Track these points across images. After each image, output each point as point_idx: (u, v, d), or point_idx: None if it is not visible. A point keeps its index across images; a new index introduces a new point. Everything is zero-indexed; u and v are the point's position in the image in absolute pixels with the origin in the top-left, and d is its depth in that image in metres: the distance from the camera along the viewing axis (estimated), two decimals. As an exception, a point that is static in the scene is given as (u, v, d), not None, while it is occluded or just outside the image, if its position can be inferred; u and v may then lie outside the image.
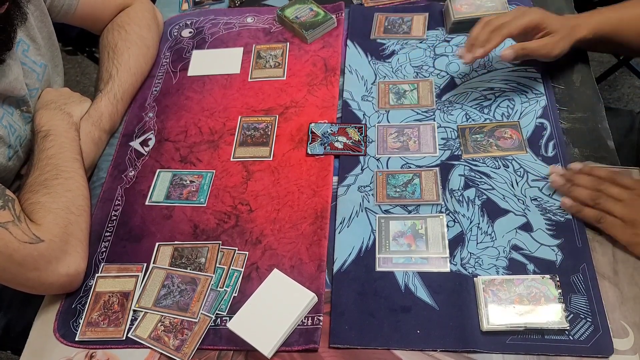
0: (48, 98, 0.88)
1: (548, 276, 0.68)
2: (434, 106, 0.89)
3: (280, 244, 0.77)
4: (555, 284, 0.67)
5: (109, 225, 0.82)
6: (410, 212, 0.78)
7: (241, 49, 1.04)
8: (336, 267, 0.74)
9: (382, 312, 0.69)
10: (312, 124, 0.89)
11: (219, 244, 0.78)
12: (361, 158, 0.85)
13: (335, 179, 0.83)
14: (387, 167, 0.83)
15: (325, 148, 0.86)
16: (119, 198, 0.86)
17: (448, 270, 0.71)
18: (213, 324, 0.71)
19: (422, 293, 0.70)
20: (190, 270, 0.75)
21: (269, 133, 0.90)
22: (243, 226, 0.80)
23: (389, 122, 0.89)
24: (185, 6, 1.16)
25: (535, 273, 0.70)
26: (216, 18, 1.11)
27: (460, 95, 0.90)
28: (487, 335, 0.66)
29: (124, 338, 0.71)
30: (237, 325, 0.68)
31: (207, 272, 0.75)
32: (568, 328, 0.65)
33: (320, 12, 1.05)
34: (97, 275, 0.77)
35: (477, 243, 0.74)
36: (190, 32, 1.09)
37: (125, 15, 1.01)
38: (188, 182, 0.86)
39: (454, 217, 0.76)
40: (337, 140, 0.87)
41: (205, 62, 1.03)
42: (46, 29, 0.90)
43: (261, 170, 0.86)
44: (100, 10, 0.99)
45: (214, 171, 0.87)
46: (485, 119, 0.86)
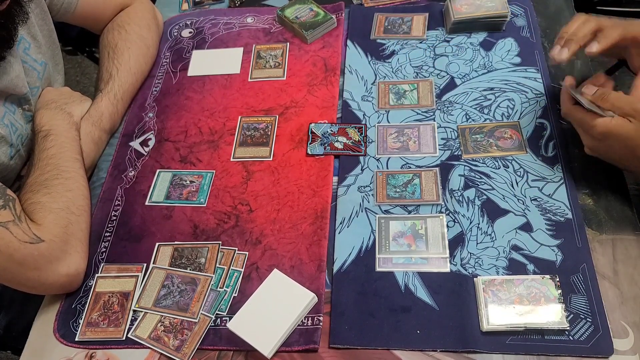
0: (48, 98, 0.88)
1: (548, 276, 0.68)
2: (434, 106, 0.89)
3: (280, 244, 0.77)
4: (555, 284, 0.67)
5: (109, 225, 0.82)
6: (410, 212, 0.78)
7: (241, 49, 1.04)
8: (336, 267, 0.74)
9: (382, 312, 0.69)
10: (312, 124, 0.89)
11: (219, 244, 0.78)
12: (361, 158, 0.85)
13: (335, 179, 0.83)
14: (387, 167, 0.83)
15: (325, 148, 0.86)
16: (119, 198, 0.85)
17: (448, 270, 0.72)
18: (213, 324, 0.71)
19: (422, 293, 0.70)
20: (190, 270, 0.75)
21: (269, 133, 0.90)
22: (243, 226, 0.80)
23: (389, 122, 0.89)
24: (185, 6, 1.16)
25: (535, 273, 0.70)
26: (216, 18, 1.11)
27: (460, 95, 0.90)
28: (487, 335, 0.66)
29: (124, 338, 0.71)
30: (237, 325, 0.68)
31: (207, 272, 0.75)
32: (568, 328, 0.65)
33: (320, 12, 1.05)
34: (97, 275, 0.77)
35: (477, 243, 0.74)
36: (190, 32, 1.09)
37: (125, 15, 1.01)
38: (188, 182, 0.86)
39: (454, 217, 0.76)
40: (337, 141, 0.87)
41: (205, 62, 1.03)
42: (47, 27, 0.90)
43: (261, 171, 0.86)
44: (100, 10, 0.99)
45: (214, 171, 0.87)
46: (485, 119, 0.86)
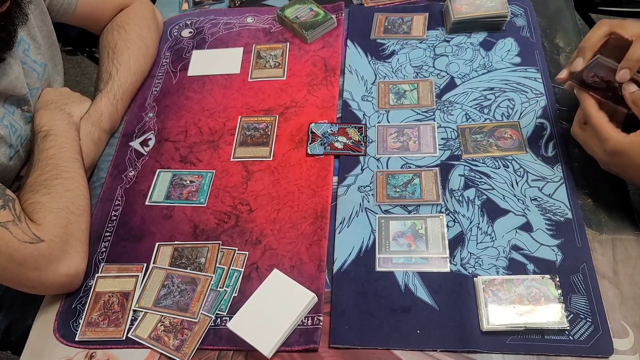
0: (48, 98, 0.88)
1: (548, 276, 0.68)
2: (434, 106, 0.89)
3: (280, 244, 0.77)
4: (555, 284, 0.67)
5: (109, 225, 0.82)
6: (410, 212, 0.78)
7: (241, 49, 1.04)
8: (336, 267, 0.74)
9: (382, 312, 0.69)
10: (312, 124, 0.89)
11: (219, 244, 0.78)
12: (361, 158, 0.85)
13: (335, 179, 0.83)
14: (387, 167, 0.83)
15: (325, 148, 0.86)
16: (119, 198, 0.86)
17: (448, 270, 0.71)
18: (213, 324, 0.71)
19: (422, 293, 0.70)
20: (190, 270, 0.75)
21: (269, 133, 0.90)
22: (243, 226, 0.80)
23: (389, 122, 0.89)
24: (185, 6, 1.16)
25: (535, 273, 0.70)
26: (216, 18, 1.11)
27: (460, 95, 0.90)
28: (487, 335, 0.66)
29: (124, 338, 0.71)
30: (237, 325, 0.68)
31: (207, 272, 0.75)
32: (568, 328, 0.65)
33: (320, 12, 1.05)
34: (97, 275, 0.77)
35: (477, 243, 0.74)
36: (190, 32, 1.09)
37: (125, 15, 1.01)
38: (188, 182, 0.86)
39: (454, 217, 0.76)
40: (337, 140, 0.87)
41: (205, 62, 1.03)
42: (46, 28, 0.90)
43: (261, 170, 0.86)
44: (99, 10, 0.99)
45: (214, 171, 0.87)
46: (485, 119, 0.86)
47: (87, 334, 0.71)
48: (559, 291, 0.67)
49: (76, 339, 0.71)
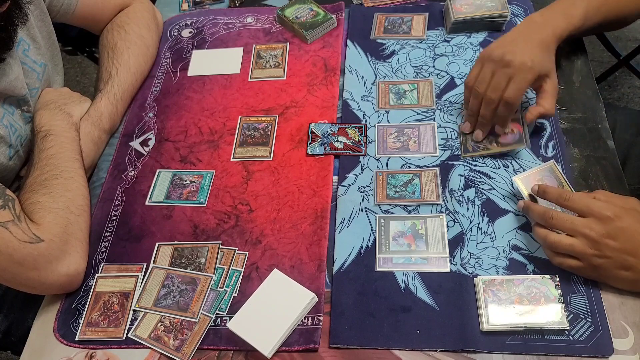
0: (48, 98, 0.88)
1: (548, 276, 0.68)
2: (434, 106, 0.89)
3: (280, 244, 0.77)
4: (555, 284, 0.67)
5: (109, 225, 0.82)
6: (410, 212, 0.78)
7: (241, 49, 1.04)
8: (336, 267, 0.74)
9: (382, 312, 0.69)
10: (312, 124, 0.89)
11: (219, 244, 0.78)
12: (361, 158, 0.85)
13: (335, 179, 0.83)
14: (387, 167, 0.83)
15: (325, 148, 0.86)
16: (119, 198, 0.86)
17: (448, 270, 0.71)
18: (213, 324, 0.71)
19: (422, 293, 0.70)
20: (190, 270, 0.75)
21: (269, 133, 0.90)
22: (243, 226, 0.80)
23: (389, 122, 0.89)
24: (185, 6, 1.16)
25: (535, 273, 0.70)
26: (216, 18, 1.11)
27: (460, 95, 0.90)
28: (487, 335, 0.66)
29: (124, 338, 0.71)
30: (237, 325, 0.68)
31: (207, 272, 0.75)
32: (568, 328, 0.65)
33: (320, 12, 1.05)
34: (97, 275, 0.77)
35: (477, 243, 0.74)
36: (190, 32, 1.09)
37: (125, 15, 1.01)
38: (188, 182, 0.86)
39: (454, 217, 0.76)
40: (337, 140, 0.87)
41: (205, 62, 1.03)
42: (46, 28, 0.90)
43: (261, 170, 0.86)
44: (99, 10, 0.99)
45: (214, 171, 0.87)
46: (485, 119, 0.86)
47: (87, 334, 0.71)
48: (559, 291, 0.67)
49: (76, 339, 0.71)
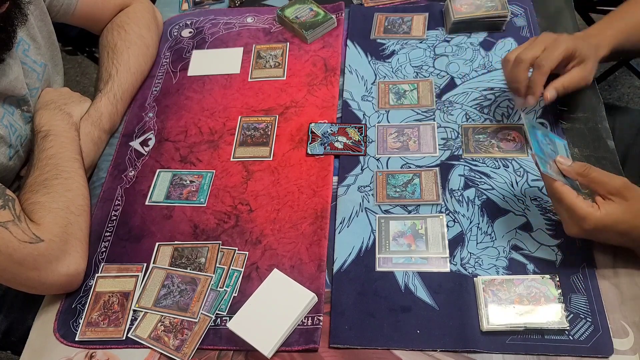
0: (48, 98, 0.88)
1: (548, 276, 0.68)
2: (434, 106, 0.89)
3: (280, 244, 0.77)
4: (555, 284, 0.67)
5: (109, 225, 0.82)
6: (410, 212, 0.78)
7: (241, 49, 1.04)
8: (336, 267, 0.74)
9: (382, 312, 0.69)
10: (312, 124, 0.89)
11: (219, 244, 0.78)
12: (361, 158, 0.85)
13: (335, 179, 0.83)
14: (387, 167, 0.83)
15: (325, 148, 0.86)
16: (119, 198, 0.86)
17: (448, 270, 0.71)
18: (213, 324, 0.71)
19: (422, 293, 0.70)
20: (190, 270, 0.75)
21: (269, 133, 0.90)
22: (243, 226, 0.80)
23: (389, 122, 0.89)
24: (185, 6, 1.16)
25: (535, 273, 0.70)
26: (216, 18, 1.11)
27: (460, 95, 0.90)
28: (487, 335, 0.66)
29: (124, 338, 0.71)
30: (237, 325, 0.68)
31: (207, 272, 0.75)
32: (568, 328, 0.65)
33: (320, 12, 1.05)
34: (97, 275, 0.77)
35: (477, 243, 0.74)
36: (190, 32, 1.09)
37: (125, 15, 1.01)
38: (188, 182, 0.86)
39: (454, 217, 0.76)
40: (337, 140, 0.87)
41: (205, 62, 1.03)
42: (46, 28, 0.90)
43: (261, 170, 0.86)
44: (99, 10, 0.99)
45: (214, 171, 0.87)
46: (485, 119, 0.86)
47: (87, 334, 0.71)
48: (559, 291, 0.67)
49: (76, 339, 0.71)
